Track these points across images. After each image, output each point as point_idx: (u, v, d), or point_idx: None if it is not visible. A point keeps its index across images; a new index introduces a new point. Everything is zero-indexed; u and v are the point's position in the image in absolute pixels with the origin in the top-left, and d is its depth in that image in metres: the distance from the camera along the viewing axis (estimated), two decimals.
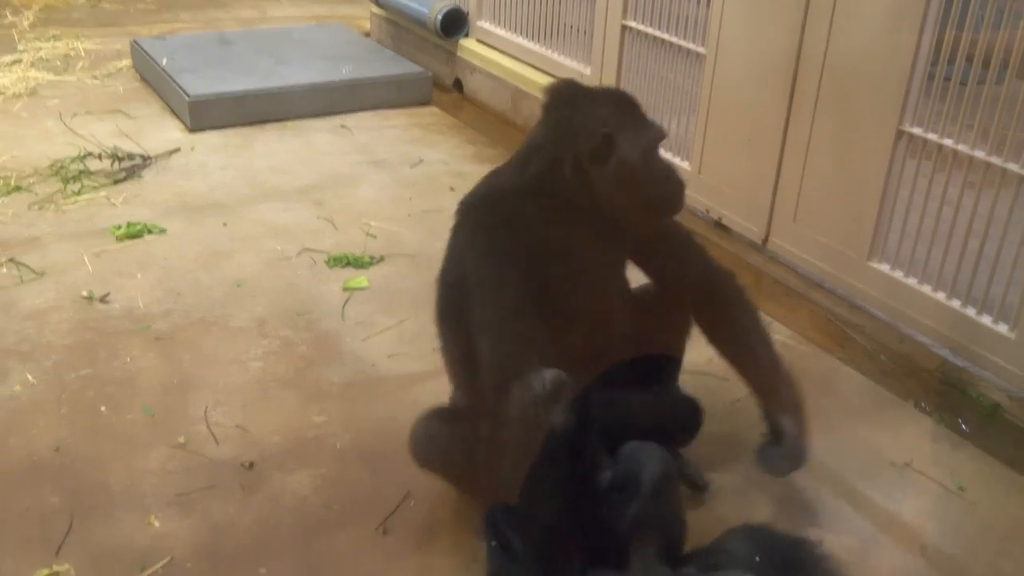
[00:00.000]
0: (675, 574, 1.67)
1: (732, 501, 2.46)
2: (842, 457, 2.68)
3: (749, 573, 1.63)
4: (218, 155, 4.50)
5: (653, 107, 4.30)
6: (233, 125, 4.81)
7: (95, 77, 5.51)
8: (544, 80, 4.75)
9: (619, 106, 2.26)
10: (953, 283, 3.13)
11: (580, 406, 1.63)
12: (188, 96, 4.73)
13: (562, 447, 1.59)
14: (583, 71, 4.61)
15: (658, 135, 2.29)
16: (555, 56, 4.83)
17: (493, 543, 1.64)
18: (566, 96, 2.25)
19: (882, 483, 2.58)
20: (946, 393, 2.98)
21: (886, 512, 2.48)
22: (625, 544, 1.65)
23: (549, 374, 1.58)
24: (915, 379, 3.04)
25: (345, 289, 3.40)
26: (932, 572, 2.29)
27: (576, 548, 1.61)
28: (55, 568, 2.19)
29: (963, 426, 2.82)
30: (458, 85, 5.52)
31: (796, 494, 2.53)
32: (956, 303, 3.11)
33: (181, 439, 2.62)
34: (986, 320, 3.02)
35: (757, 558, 1.68)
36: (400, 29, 5.94)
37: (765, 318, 2.71)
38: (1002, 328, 2.98)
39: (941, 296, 3.15)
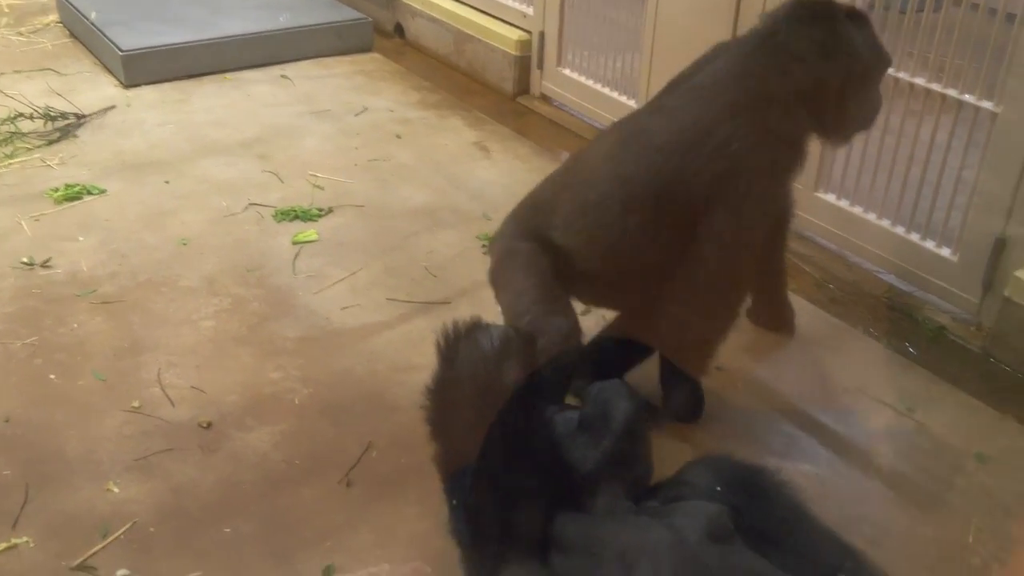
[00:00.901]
0: (639, 508, 1.69)
1: (691, 434, 2.50)
2: (796, 385, 2.73)
3: (711, 503, 1.66)
4: (155, 111, 4.39)
5: (597, 45, 4.28)
6: (169, 79, 4.68)
7: (20, 34, 5.33)
8: (487, 22, 4.72)
9: (865, 30, 2.33)
10: (897, 210, 3.18)
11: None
12: (121, 51, 4.59)
13: (517, 402, 1.59)
14: (526, 11, 4.56)
15: (889, 61, 2.43)
16: None
17: (454, 501, 1.65)
18: (818, 11, 2.29)
19: (835, 409, 2.64)
20: (893, 318, 3.04)
21: (840, 437, 2.54)
22: (593, 483, 1.67)
23: (497, 331, 1.58)
24: (863, 306, 3.10)
25: (295, 243, 3.36)
26: (888, 492, 2.36)
27: (537, 498, 1.62)
28: (13, 541, 2.16)
29: (911, 349, 2.89)
30: (399, 30, 5.43)
31: (753, 424, 2.58)
32: (900, 229, 3.16)
33: (135, 403, 2.59)
34: (929, 245, 3.08)
35: (718, 488, 1.71)
36: None
37: None
38: (945, 252, 3.04)
39: (886, 223, 3.20)
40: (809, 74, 2.24)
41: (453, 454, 1.64)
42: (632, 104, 4.05)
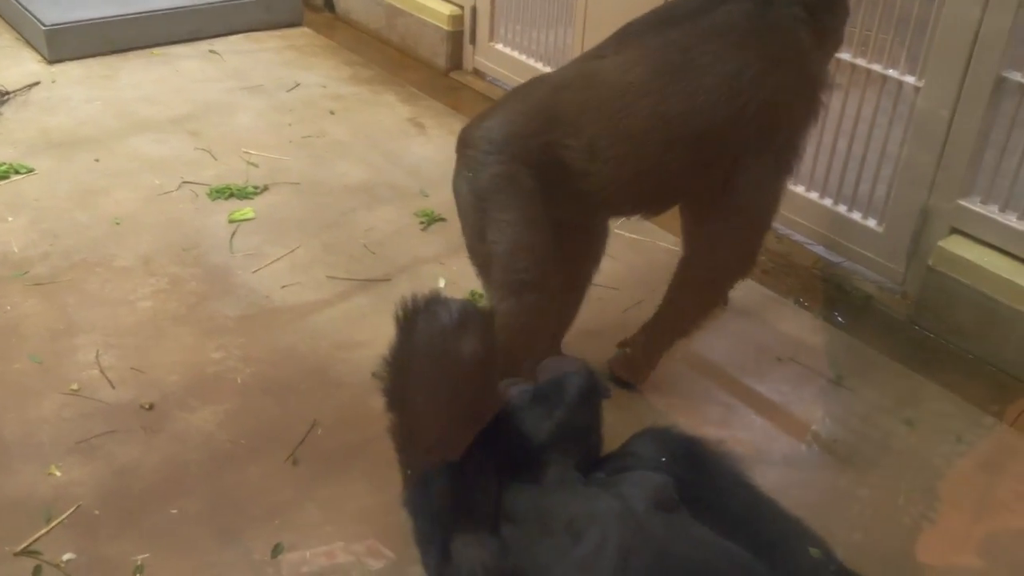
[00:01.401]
0: (587, 480, 1.74)
1: (633, 406, 2.56)
2: (731, 355, 2.81)
3: (656, 473, 1.71)
4: (82, 87, 4.29)
5: (529, 20, 4.29)
6: (95, 54, 4.57)
7: None
8: None
9: None
10: (825, 182, 3.27)
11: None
12: (44, 25, 4.47)
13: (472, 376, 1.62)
14: None
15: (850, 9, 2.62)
16: None
17: (409, 471, 1.68)
18: None
19: (770, 378, 2.72)
20: (823, 288, 3.13)
21: (775, 405, 2.62)
22: (544, 454, 1.70)
23: (455, 303, 1.59)
24: (794, 277, 3.18)
25: (231, 221, 3.33)
26: (825, 457, 2.45)
27: (490, 469, 1.65)
28: None
29: (839, 318, 2.98)
30: (329, 4, 5.36)
31: (691, 394, 2.65)
32: (828, 201, 3.25)
33: (74, 385, 2.56)
34: (856, 216, 3.17)
35: (663, 459, 1.76)
36: None
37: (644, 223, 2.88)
38: (871, 223, 3.13)
39: (814, 196, 3.29)
40: (826, 22, 2.38)
41: (409, 426, 1.66)
42: None
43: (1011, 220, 2.78)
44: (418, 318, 1.60)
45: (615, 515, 1.64)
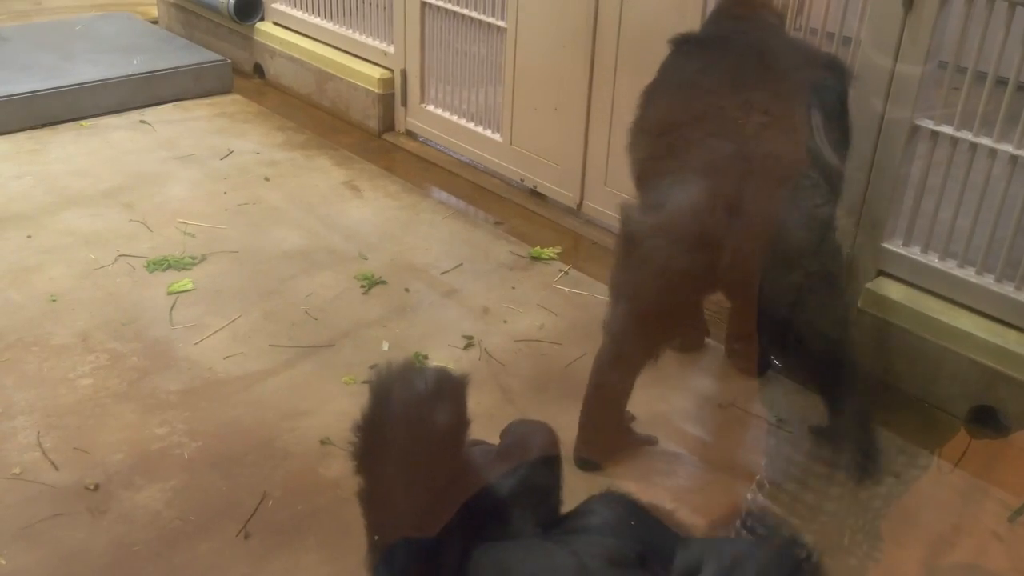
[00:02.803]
0: (546, 536, 1.76)
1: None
2: (675, 404, 2.86)
3: (611, 531, 1.74)
4: (10, 163, 4.24)
5: (459, 80, 4.37)
6: (22, 129, 4.52)
7: None
8: (349, 61, 4.75)
9: None
10: None
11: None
12: None
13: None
14: (387, 49, 4.61)
15: None
16: (356, 36, 4.79)
17: (376, 538, 1.69)
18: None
19: (713, 425, 2.78)
20: None
21: (721, 452, 2.68)
22: (507, 513, 1.72)
23: (431, 371, 1.62)
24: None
25: (170, 293, 3.31)
26: (769, 503, 2.50)
27: (456, 526, 1.67)
28: None
29: (775, 362, 3.05)
30: (258, 70, 5.39)
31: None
32: None
33: (16, 469, 2.51)
34: None
35: (618, 517, 1.79)
36: (190, 15, 5.73)
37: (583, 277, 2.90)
38: None
39: None
40: None
41: (379, 491, 1.67)
42: (497, 137, 4.15)
43: (933, 260, 2.90)
44: (393, 386, 1.62)
45: (572, 571, 1.66)
